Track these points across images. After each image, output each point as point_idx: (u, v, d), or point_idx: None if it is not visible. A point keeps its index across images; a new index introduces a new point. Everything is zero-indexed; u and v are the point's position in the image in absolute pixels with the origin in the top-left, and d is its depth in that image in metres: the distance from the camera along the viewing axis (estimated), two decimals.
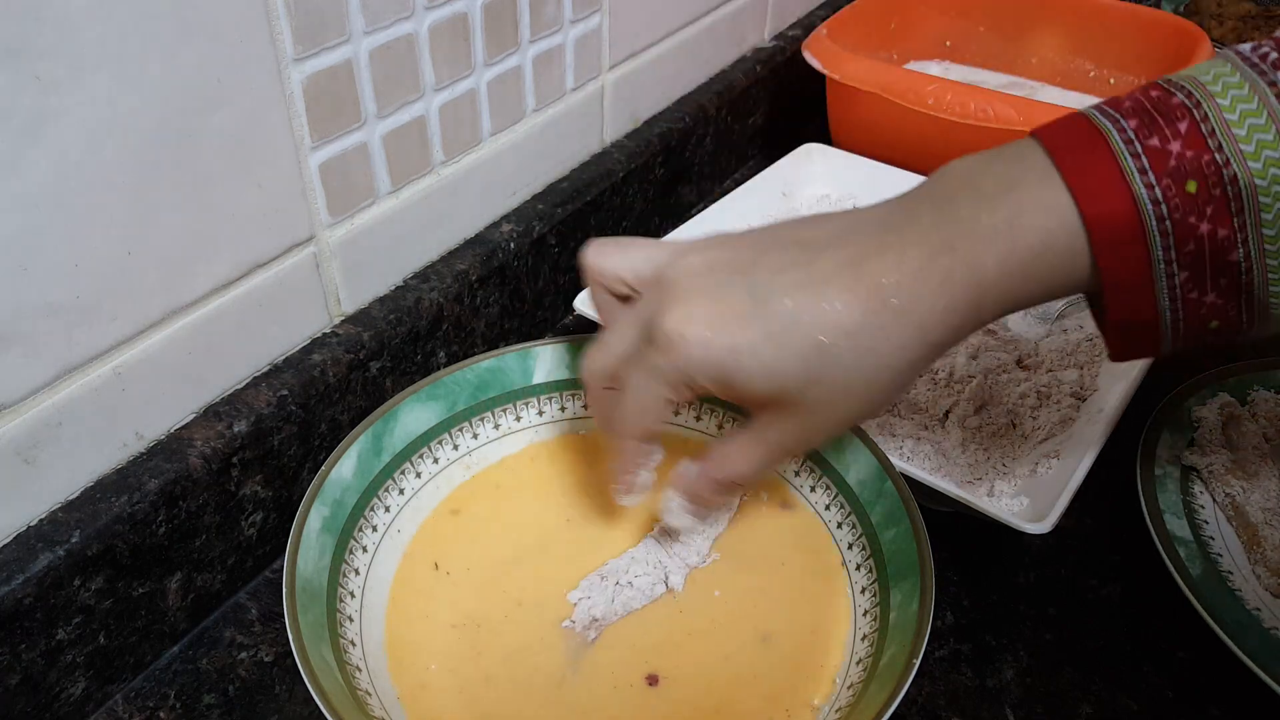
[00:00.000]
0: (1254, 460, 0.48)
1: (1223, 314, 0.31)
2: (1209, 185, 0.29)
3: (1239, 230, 0.29)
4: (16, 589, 0.34)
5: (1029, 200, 0.31)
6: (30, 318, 0.34)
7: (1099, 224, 0.30)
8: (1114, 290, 0.31)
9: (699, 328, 0.32)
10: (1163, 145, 0.29)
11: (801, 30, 0.79)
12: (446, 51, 0.46)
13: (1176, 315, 0.31)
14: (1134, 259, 0.30)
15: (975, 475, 0.47)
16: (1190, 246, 0.29)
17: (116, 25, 0.33)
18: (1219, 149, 0.29)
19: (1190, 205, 0.29)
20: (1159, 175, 0.29)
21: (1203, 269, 0.30)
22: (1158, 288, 0.30)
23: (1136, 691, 0.41)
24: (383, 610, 0.39)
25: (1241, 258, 0.29)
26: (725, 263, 0.33)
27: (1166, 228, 0.29)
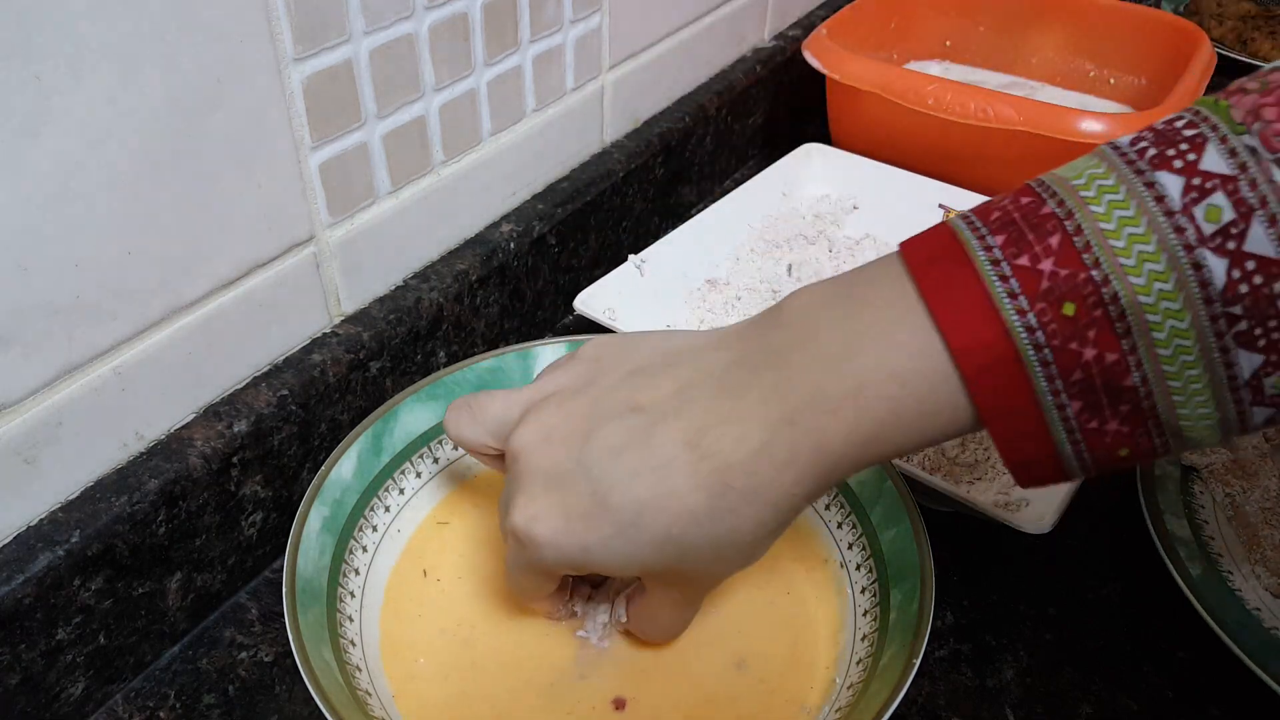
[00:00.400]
0: (1254, 460, 0.48)
1: (1131, 441, 0.27)
2: (1088, 306, 0.25)
3: (1129, 353, 0.26)
4: (16, 589, 0.34)
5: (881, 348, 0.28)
6: (30, 318, 0.34)
7: (969, 358, 0.27)
8: (999, 426, 0.27)
9: (545, 529, 0.31)
10: (1033, 264, 0.26)
11: (801, 30, 0.79)
12: (446, 51, 0.46)
13: (1079, 448, 0.27)
14: (1015, 392, 0.27)
15: (975, 475, 0.47)
16: (1077, 375, 0.26)
17: (116, 25, 0.33)
18: (1095, 265, 0.25)
19: (1070, 330, 0.26)
20: (1032, 299, 0.26)
21: (1097, 398, 0.26)
22: (1049, 420, 0.27)
23: (1136, 691, 0.41)
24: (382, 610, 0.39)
25: (1139, 382, 0.26)
26: (560, 435, 0.32)
27: (1046, 356, 0.26)
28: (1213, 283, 0.25)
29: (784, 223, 0.63)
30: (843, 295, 0.30)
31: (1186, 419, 0.26)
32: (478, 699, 0.36)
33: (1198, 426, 0.27)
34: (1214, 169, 0.25)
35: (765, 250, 0.61)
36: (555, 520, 0.31)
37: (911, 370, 0.28)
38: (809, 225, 0.63)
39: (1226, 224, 0.25)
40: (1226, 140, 0.25)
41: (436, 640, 0.38)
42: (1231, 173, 0.25)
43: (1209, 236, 0.25)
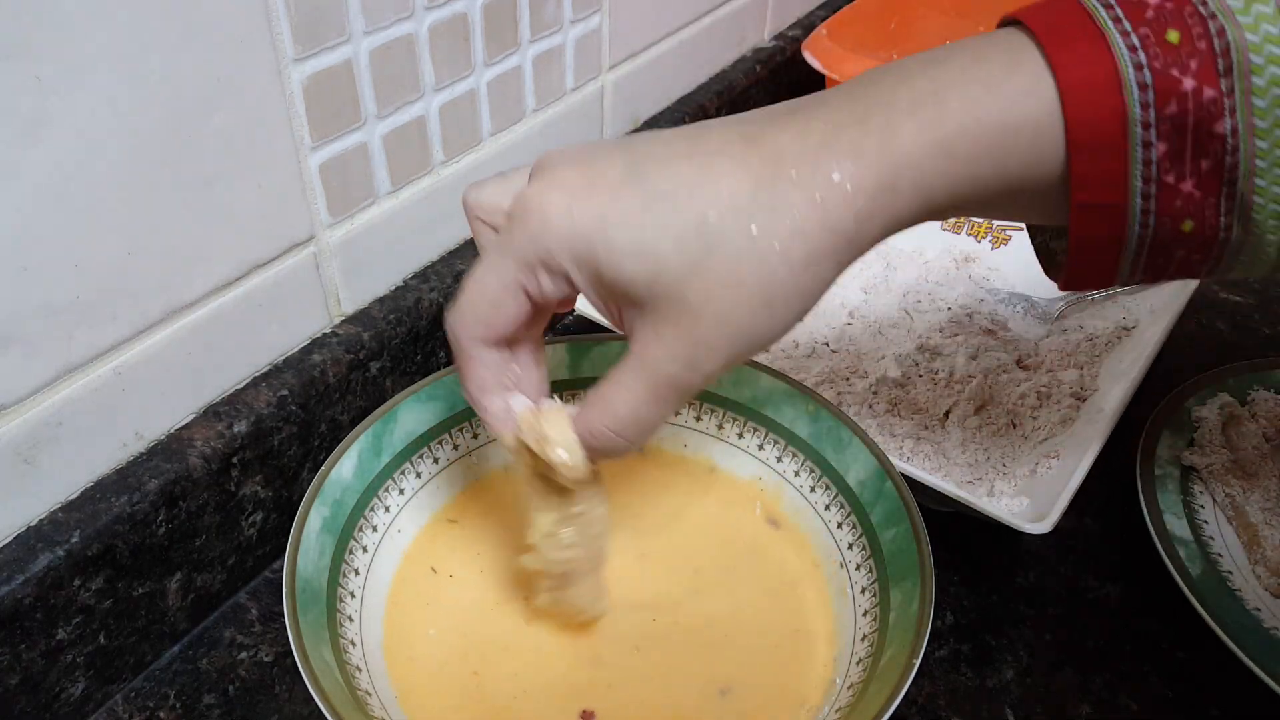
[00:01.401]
0: (1254, 460, 0.48)
1: (1199, 213, 0.26)
2: (1193, 37, 0.25)
3: (1227, 95, 0.25)
4: (16, 589, 0.34)
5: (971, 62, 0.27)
6: (30, 318, 0.34)
7: (1067, 71, 0.26)
8: (1081, 152, 0.26)
9: (562, 194, 0.27)
10: None
11: (801, 30, 0.79)
12: (446, 51, 0.46)
13: (1148, 205, 0.26)
14: (1107, 112, 0.25)
15: (975, 475, 0.47)
16: (1173, 107, 0.25)
17: (116, 25, 0.33)
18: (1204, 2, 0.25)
19: (1172, 57, 0.25)
20: (1135, 23, 0.25)
21: (1183, 142, 0.25)
22: (1132, 160, 0.26)
23: (1136, 691, 0.41)
24: (382, 610, 0.39)
25: (1229, 131, 0.25)
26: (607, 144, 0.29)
27: (1145, 79, 0.25)
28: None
29: None
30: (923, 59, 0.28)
31: (1261, 194, 0.26)
32: (478, 700, 0.36)
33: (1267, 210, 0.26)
34: None
35: None
36: (577, 185, 0.27)
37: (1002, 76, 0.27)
38: None
39: None
40: None
41: (437, 640, 0.38)
42: None
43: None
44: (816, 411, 0.42)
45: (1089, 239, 0.28)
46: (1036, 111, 0.26)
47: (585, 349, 0.45)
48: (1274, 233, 0.26)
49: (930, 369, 0.52)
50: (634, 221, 0.27)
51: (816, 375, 0.52)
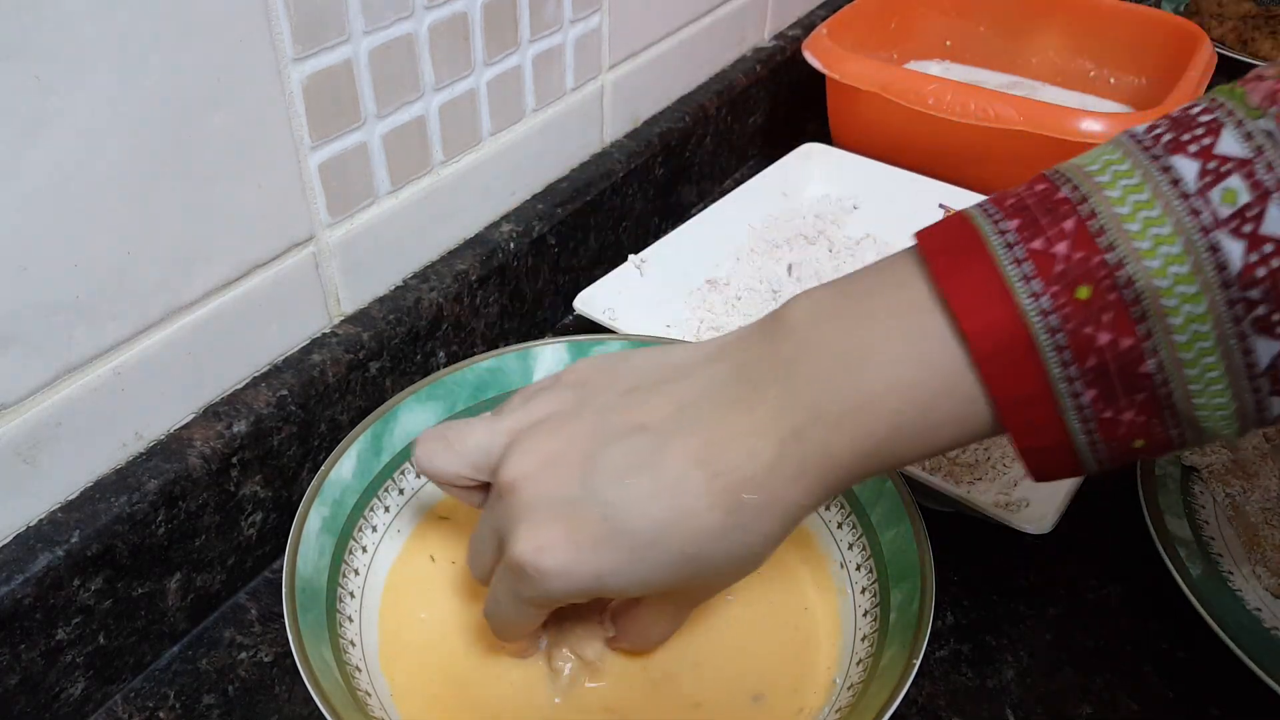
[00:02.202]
0: (1254, 460, 0.48)
1: (1146, 432, 0.27)
2: (1103, 290, 0.25)
3: (1145, 338, 0.25)
4: (16, 589, 0.34)
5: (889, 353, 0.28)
6: (30, 318, 0.34)
7: (982, 341, 0.26)
8: (1013, 417, 0.27)
9: (555, 559, 0.30)
10: (1047, 248, 0.26)
11: (801, 30, 0.79)
12: (446, 51, 0.46)
13: (1092, 438, 0.27)
14: (1027, 376, 0.26)
15: (975, 475, 0.47)
16: (1092, 360, 0.26)
17: (116, 25, 0.33)
18: (1110, 248, 0.25)
19: (1085, 314, 0.25)
20: (1046, 282, 0.26)
21: (1111, 385, 0.26)
22: (1062, 408, 0.26)
23: (1136, 691, 0.41)
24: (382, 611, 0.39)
25: (1154, 369, 0.25)
26: (562, 460, 0.31)
27: (1060, 340, 0.26)
28: (1229, 266, 0.24)
29: (784, 223, 0.63)
30: (846, 299, 0.30)
31: (1203, 409, 0.26)
32: (478, 700, 0.36)
33: (1214, 417, 0.26)
34: (1230, 153, 0.25)
35: (765, 250, 0.61)
36: (565, 549, 0.30)
37: (920, 373, 0.28)
38: (809, 225, 0.63)
39: (1243, 207, 0.24)
40: (1243, 124, 0.25)
41: (437, 640, 0.38)
42: (1248, 156, 0.25)
43: (1225, 219, 0.25)
44: None
45: (1045, 466, 0.29)
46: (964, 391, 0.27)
47: (585, 349, 0.45)
48: (1227, 428, 0.27)
49: None
50: (626, 571, 0.30)
51: None
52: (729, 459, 0.29)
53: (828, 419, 0.29)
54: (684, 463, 0.30)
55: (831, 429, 0.29)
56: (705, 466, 0.29)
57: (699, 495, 0.29)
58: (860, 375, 0.28)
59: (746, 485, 0.29)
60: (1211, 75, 0.67)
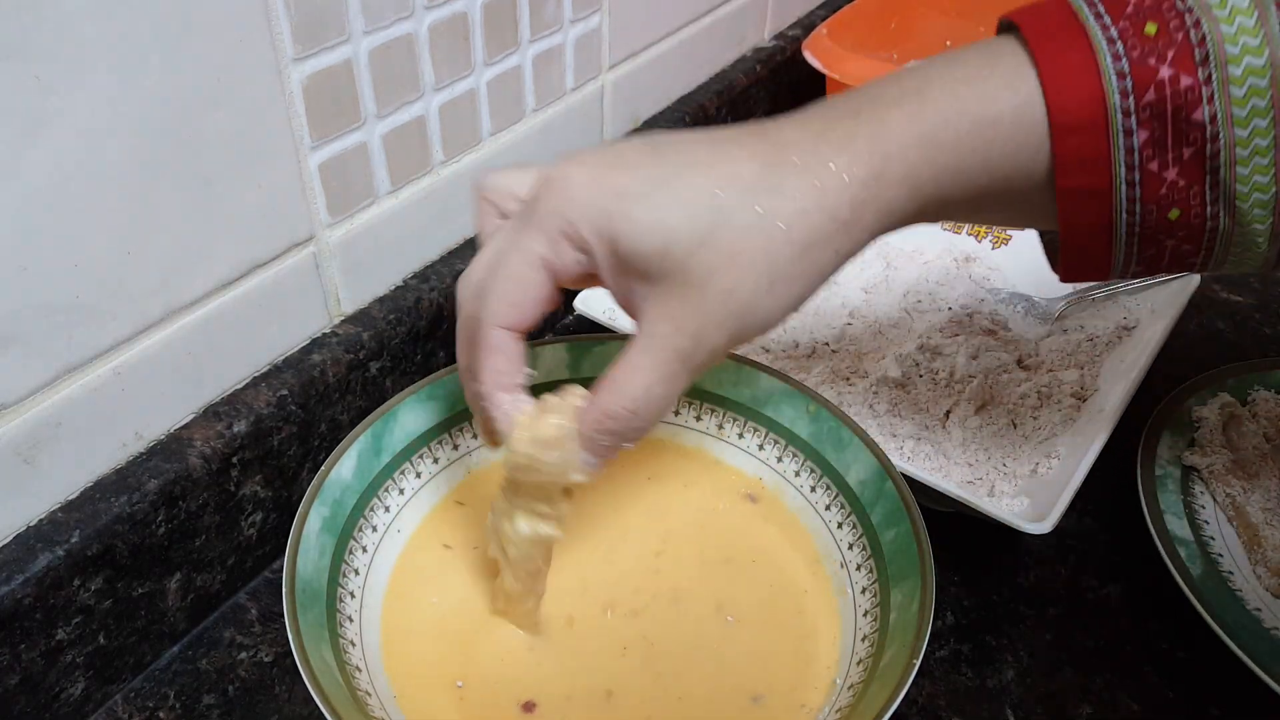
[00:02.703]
0: (1254, 460, 0.48)
1: (1185, 200, 0.27)
2: (1170, 29, 0.26)
3: (1204, 83, 0.26)
4: (16, 589, 0.34)
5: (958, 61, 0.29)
6: (30, 318, 0.34)
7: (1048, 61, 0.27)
8: (1064, 136, 0.27)
9: (585, 170, 0.29)
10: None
11: (801, 30, 0.79)
12: (446, 51, 0.46)
13: (1133, 193, 0.27)
14: (1089, 101, 0.27)
15: (975, 475, 0.47)
16: (1151, 94, 0.26)
17: (116, 25, 0.33)
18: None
19: (1150, 47, 0.26)
20: (1115, 17, 0.27)
21: (1164, 129, 0.26)
22: (1114, 146, 0.27)
23: (1136, 691, 0.41)
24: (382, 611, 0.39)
25: (1208, 118, 0.26)
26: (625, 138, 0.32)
27: (1123, 67, 0.26)
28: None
29: None
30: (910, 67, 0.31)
31: (1244, 182, 0.26)
32: (478, 700, 0.36)
33: (1251, 199, 0.27)
34: None
35: None
36: (599, 163, 0.29)
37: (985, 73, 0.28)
38: None
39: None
40: None
41: (437, 640, 0.38)
42: None
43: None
44: (817, 411, 0.42)
45: (1078, 227, 0.29)
46: (1017, 102, 0.28)
47: (585, 349, 0.45)
48: (1261, 221, 0.27)
49: (931, 369, 0.52)
50: (650, 195, 0.28)
51: (817, 375, 0.52)
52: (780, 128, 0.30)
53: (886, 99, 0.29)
54: (739, 131, 0.30)
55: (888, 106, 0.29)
56: (757, 135, 0.30)
57: (743, 148, 0.29)
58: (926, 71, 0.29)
59: (789, 145, 0.29)
60: None
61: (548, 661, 0.38)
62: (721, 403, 0.45)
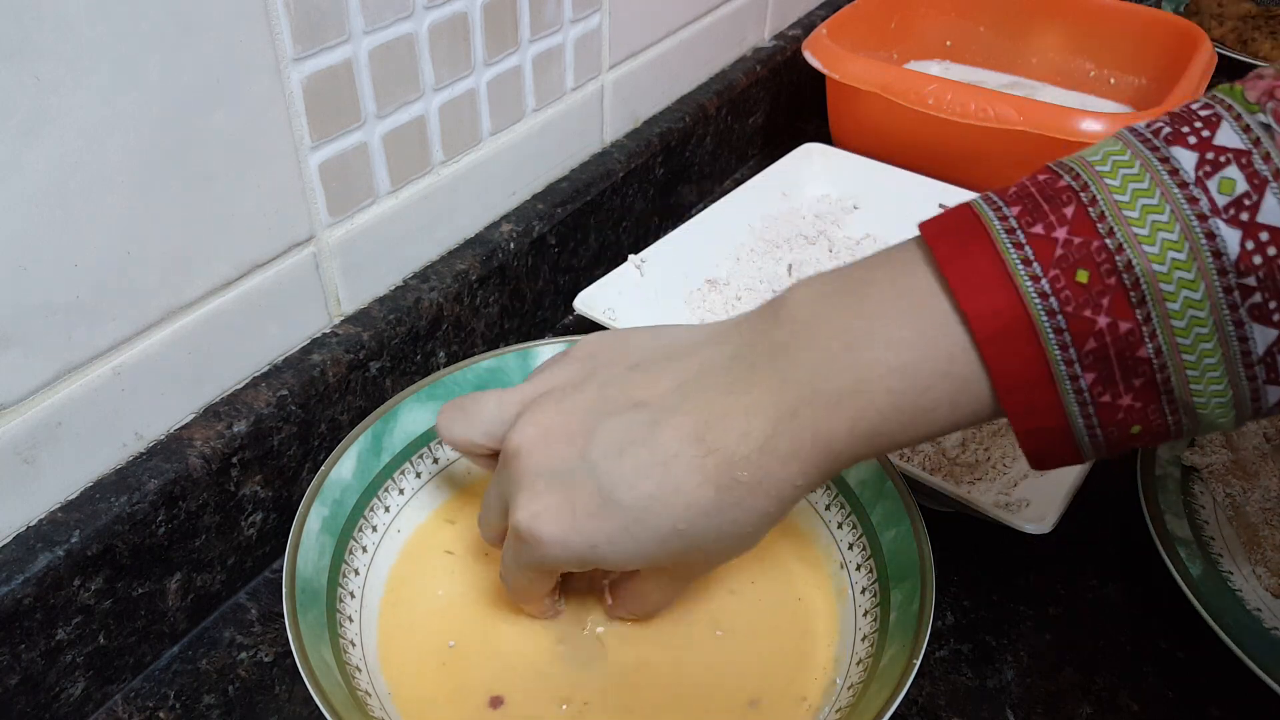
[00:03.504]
0: (1254, 460, 0.48)
1: (1144, 418, 0.27)
2: (1102, 274, 0.26)
3: (1144, 323, 0.26)
4: (16, 589, 0.34)
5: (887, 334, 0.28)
6: (30, 318, 0.34)
7: (983, 323, 0.27)
8: (1011, 395, 0.27)
9: (551, 527, 0.31)
10: (1048, 233, 0.26)
11: (801, 30, 0.79)
12: (446, 51, 0.46)
13: (1090, 422, 0.27)
14: (1027, 358, 0.27)
15: (975, 475, 0.47)
16: (1091, 344, 0.26)
17: (116, 25, 0.33)
18: (1110, 234, 0.26)
19: (1084, 297, 0.26)
20: (1046, 265, 0.26)
21: (1110, 369, 0.26)
22: (1061, 391, 0.27)
23: (1136, 691, 0.41)
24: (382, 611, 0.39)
25: (1152, 353, 0.26)
26: (562, 431, 0.32)
27: (1060, 323, 0.26)
28: (1226, 253, 0.25)
29: (784, 223, 0.63)
30: (847, 284, 0.30)
31: (1200, 395, 0.26)
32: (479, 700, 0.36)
33: (1211, 405, 0.27)
34: (1228, 144, 0.26)
35: (765, 250, 0.61)
36: (561, 518, 0.31)
37: (919, 355, 0.28)
38: (809, 225, 0.63)
39: (1240, 196, 0.25)
40: (1241, 119, 0.26)
41: (438, 640, 0.38)
42: (1245, 147, 0.25)
43: (1223, 208, 0.25)
44: None
45: (1044, 452, 0.29)
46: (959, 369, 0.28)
47: None
48: (1223, 418, 0.27)
49: None
50: (620, 543, 0.31)
51: None
52: (723, 437, 0.30)
53: (823, 399, 0.29)
54: (678, 439, 0.30)
55: (827, 409, 0.29)
56: (699, 444, 0.30)
57: (691, 471, 0.30)
58: (858, 356, 0.29)
59: (739, 464, 0.30)
60: (1211, 75, 0.67)
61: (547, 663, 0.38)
62: None
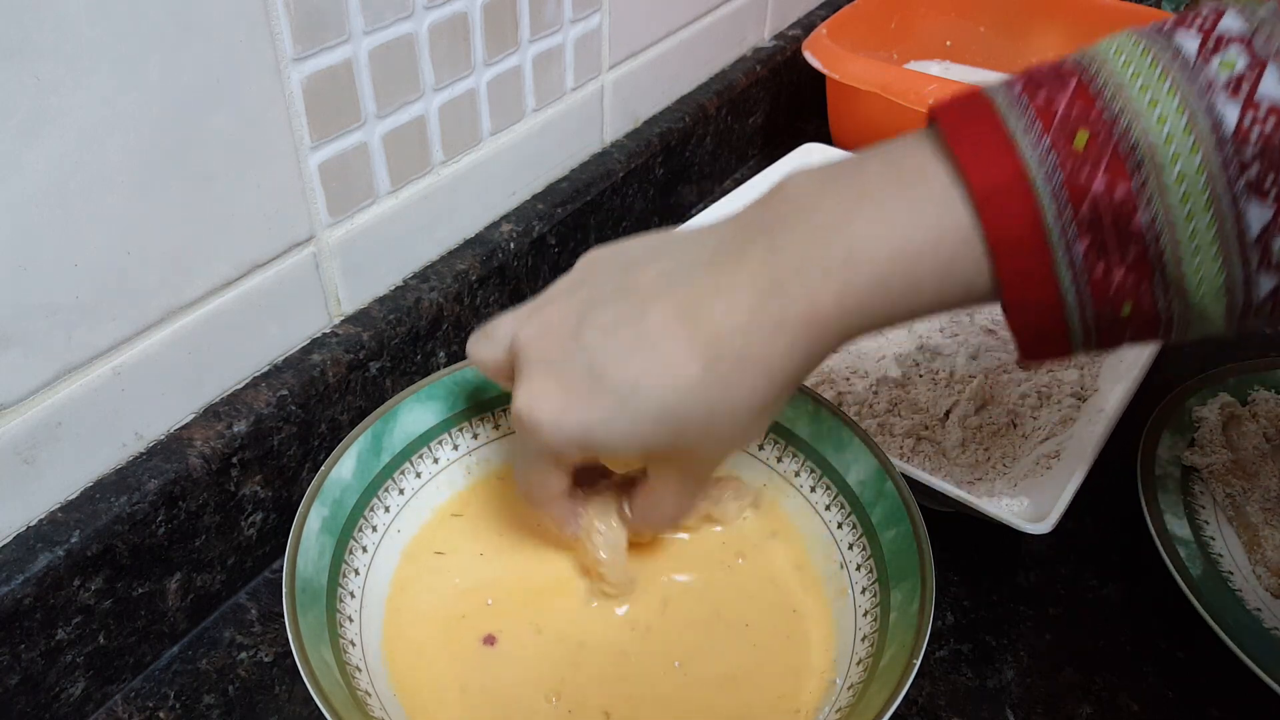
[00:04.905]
0: (1254, 460, 0.48)
1: (1135, 295, 0.27)
2: (1100, 140, 0.26)
3: (1140, 190, 0.26)
4: (16, 589, 0.34)
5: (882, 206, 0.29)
6: (30, 318, 0.34)
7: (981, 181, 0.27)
8: (1006, 259, 0.27)
9: (546, 410, 0.32)
10: (1049, 104, 0.27)
11: (801, 30, 0.79)
12: (446, 51, 0.46)
13: (1082, 296, 0.27)
14: (1024, 220, 0.27)
15: (975, 475, 0.47)
16: (1087, 208, 0.26)
17: (116, 25, 0.33)
18: (1110, 103, 0.26)
19: (1082, 160, 0.26)
20: (1046, 129, 0.27)
21: (1104, 236, 0.27)
22: (1055, 257, 0.27)
23: (1136, 691, 0.41)
24: (382, 610, 0.39)
25: (1146, 224, 0.26)
26: (556, 327, 0.33)
27: (1057, 185, 0.26)
28: (1224, 126, 0.25)
29: None
30: (844, 167, 0.30)
31: (1193, 275, 0.26)
32: (480, 699, 0.36)
33: (1203, 290, 0.27)
34: (1230, 28, 0.26)
35: None
36: (554, 400, 0.32)
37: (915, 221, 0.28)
38: None
39: (1240, 73, 0.25)
40: (1245, 10, 0.26)
41: (438, 640, 0.38)
42: (1247, 31, 0.26)
43: (1223, 84, 0.26)
44: (816, 411, 0.42)
45: (1034, 334, 0.29)
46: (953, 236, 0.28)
47: None
48: (1215, 304, 0.27)
49: (930, 369, 0.52)
50: (614, 424, 0.31)
51: (817, 375, 0.52)
52: (709, 312, 0.30)
53: (812, 271, 0.29)
54: (665, 318, 0.31)
55: (816, 281, 0.29)
56: (685, 320, 0.30)
57: (678, 348, 0.30)
58: (851, 228, 0.29)
59: (725, 338, 0.30)
60: None
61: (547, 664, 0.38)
62: None
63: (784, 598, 0.40)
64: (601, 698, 0.37)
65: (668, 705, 0.36)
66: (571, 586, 0.40)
